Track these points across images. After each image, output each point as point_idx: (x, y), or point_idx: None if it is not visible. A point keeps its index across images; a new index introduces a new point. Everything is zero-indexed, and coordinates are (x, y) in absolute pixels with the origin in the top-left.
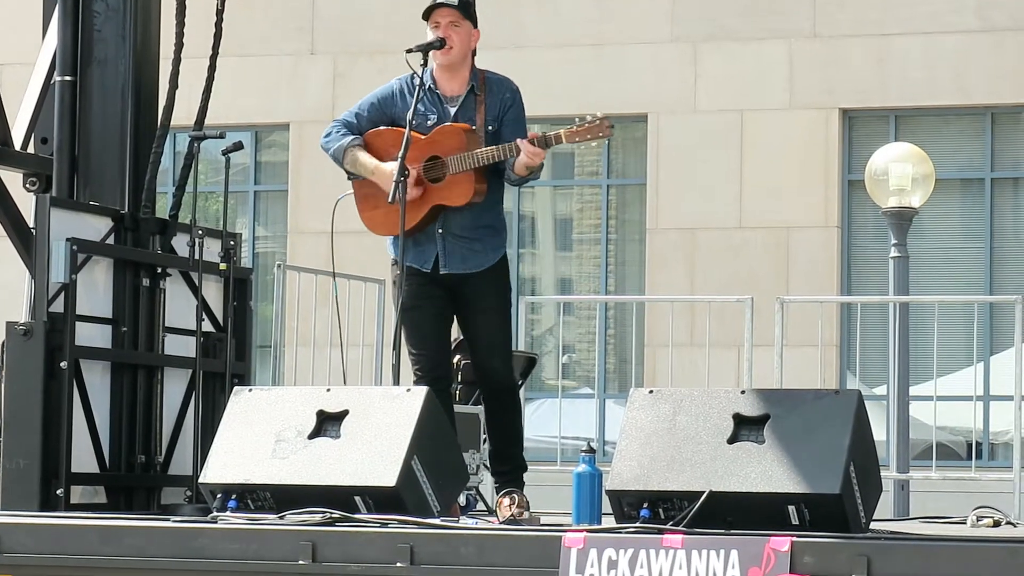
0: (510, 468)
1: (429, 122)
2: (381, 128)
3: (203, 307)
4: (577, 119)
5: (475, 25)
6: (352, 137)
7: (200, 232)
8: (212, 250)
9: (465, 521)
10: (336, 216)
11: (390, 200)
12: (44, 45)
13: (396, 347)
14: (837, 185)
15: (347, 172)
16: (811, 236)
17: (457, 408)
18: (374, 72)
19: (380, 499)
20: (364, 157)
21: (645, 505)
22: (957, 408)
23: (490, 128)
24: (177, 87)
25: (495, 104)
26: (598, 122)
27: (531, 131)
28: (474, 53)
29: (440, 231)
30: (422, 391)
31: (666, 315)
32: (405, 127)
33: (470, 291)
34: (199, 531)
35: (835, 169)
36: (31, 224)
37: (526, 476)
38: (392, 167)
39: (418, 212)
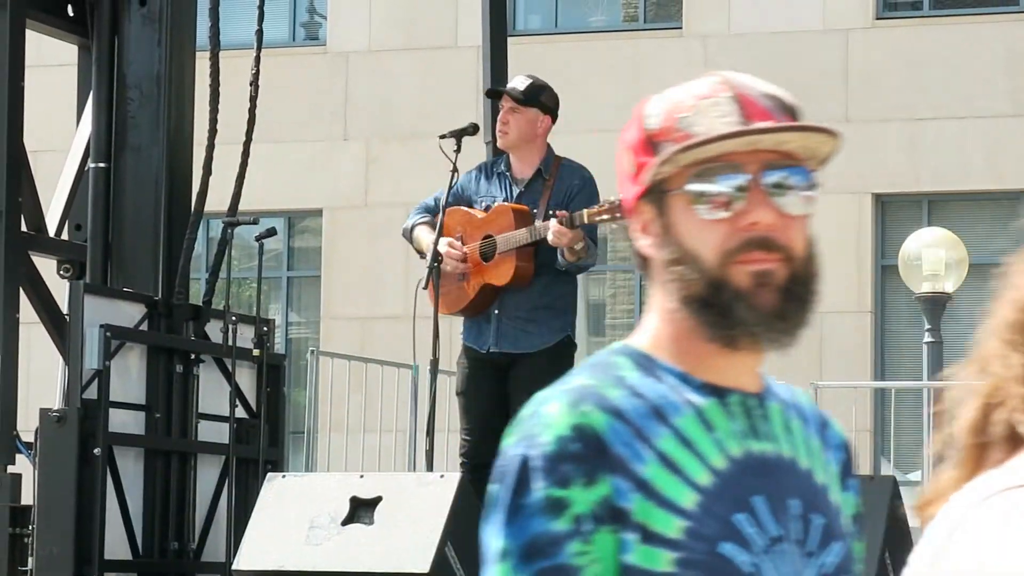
0: None
1: (496, 202)
2: (453, 208)
3: (236, 393)
4: (602, 200)
5: (545, 111)
6: (421, 217)
7: (233, 318)
8: (245, 336)
9: None
10: (369, 301)
11: (423, 287)
12: (78, 132)
13: (430, 433)
14: (870, 270)
15: (416, 250)
16: (845, 321)
17: None
18: (407, 157)
19: None
20: (422, 234)
21: None
22: None
23: (551, 213)
24: (211, 173)
25: (562, 189)
26: (619, 203)
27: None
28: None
29: (496, 312)
30: (455, 477)
31: None
32: (477, 208)
33: (519, 372)
34: None
35: (868, 254)
36: (65, 311)
37: None
38: (448, 240)
39: (469, 291)
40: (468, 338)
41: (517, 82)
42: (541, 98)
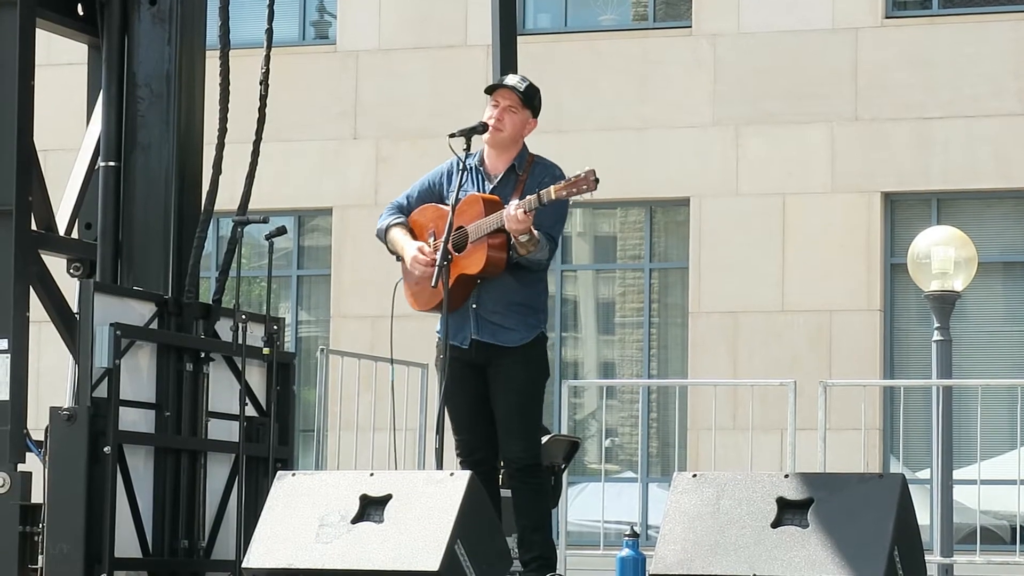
0: (532, 557)
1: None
2: (425, 205)
3: (246, 392)
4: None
5: (534, 115)
6: (395, 217)
7: (243, 317)
8: (255, 335)
9: None
10: (379, 300)
11: (433, 284)
12: (88, 131)
13: (439, 431)
14: (879, 268)
15: (390, 252)
16: (854, 319)
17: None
18: (416, 157)
19: None
20: (398, 236)
21: None
22: (1001, 492)
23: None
24: (221, 172)
25: (534, 185)
26: (583, 175)
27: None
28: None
29: (474, 306)
30: (465, 475)
31: (709, 398)
32: (447, 203)
33: (497, 370)
34: None
35: (877, 252)
36: (75, 309)
37: (570, 560)
38: (417, 245)
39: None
40: (449, 335)
41: (515, 81)
42: (535, 101)
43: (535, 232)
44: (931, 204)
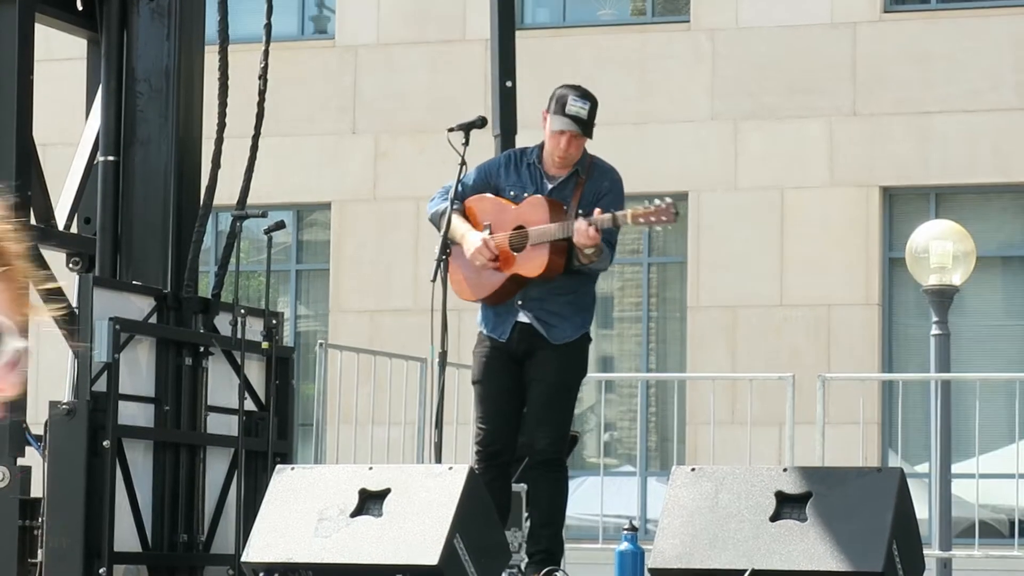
0: (538, 550)
1: (526, 194)
2: (483, 195)
3: (245, 386)
4: (647, 201)
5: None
6: (449, 201)
7: (242, 311)
8: (254, 329)
9: None
10: (378, 294)
11: (431, 279)
12: (87, 125)
13: (438, 425)
14: (878, 263)
15: (442, 236)
16: (852, 314)
17: None
18: (415, 151)
19: None
20: (457, 223)
21: None
22: (999, 486)
23: (581, 212)
24: (219, 167)
25: (592, 190)
26: (664, 206)
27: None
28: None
29: (520, 302)
30: (464, 469)
31: (707, 393)
32: (505, 197)
33: (535, 364)
34: None
35: (876, 247)
36: (74, 303)
37: (569, 554)
38: (483, 237)
39: (496, 281)
40: (487, 327)
41: (581, 107)
42: (594, 123)
43: (603, 244)
44: (929, 198)
